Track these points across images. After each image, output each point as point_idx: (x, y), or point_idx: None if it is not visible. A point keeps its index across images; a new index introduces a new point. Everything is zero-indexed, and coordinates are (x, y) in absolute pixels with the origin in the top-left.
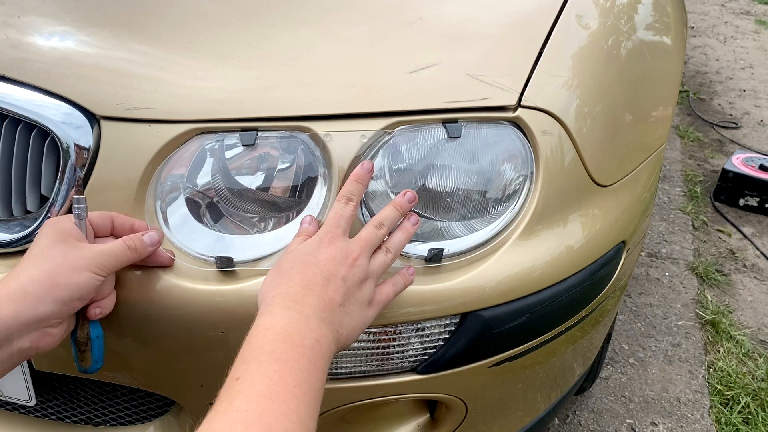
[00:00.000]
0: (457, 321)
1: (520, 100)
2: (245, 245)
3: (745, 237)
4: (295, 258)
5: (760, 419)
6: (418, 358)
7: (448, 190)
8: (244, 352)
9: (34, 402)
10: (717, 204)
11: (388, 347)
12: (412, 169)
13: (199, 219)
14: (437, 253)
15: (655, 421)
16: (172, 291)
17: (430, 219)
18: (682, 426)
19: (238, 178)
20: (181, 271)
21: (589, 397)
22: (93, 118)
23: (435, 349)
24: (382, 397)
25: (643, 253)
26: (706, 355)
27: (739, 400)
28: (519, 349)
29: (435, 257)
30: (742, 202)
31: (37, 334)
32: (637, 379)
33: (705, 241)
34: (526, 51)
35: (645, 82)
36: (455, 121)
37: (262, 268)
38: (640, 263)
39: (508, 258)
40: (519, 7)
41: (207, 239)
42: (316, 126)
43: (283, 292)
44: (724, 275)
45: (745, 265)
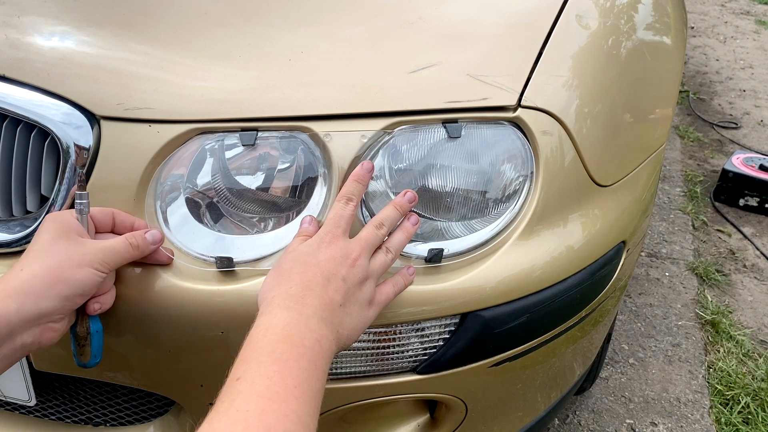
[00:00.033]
0: (457, 321)
1: (520, 100)
2: (245, 245)
3: (745, 237)
4: (295, 258)
5: (760, 419)
6: (418, 358)
7: (448, 190)
8: (245, 353)
9: (34, 402)
10: (717, 204)
11: (388, 347)
12: (412, 169)
13: (199, 219)
14: (437, 253)
15: (655, 421)
16: (172, 291)
17: (430, 219)
18: (682, 426)
19: (238, 178)
20: (181, 271)
21: (589, 397)
22: (93, 118)
23: (435, 349)
24: (382, 397)
25: (643, 253)
26: (706, 355)
27: (739, 400)
28: (519, 349)
29: (435, 257)
30: (742, 202)
31: (39, 330)
32: (637, 379)
33: (705, 241)
34: (526, 51)
35: (645, 82)
36: (455, 121)
37: (262, 268)
38: (640, 263)
39: (508, 258)
40: (519, 7)
41: (207, 239)
42: (316, 126)
43: (284, 292)
44: (724, 275)
45: (745, 265)
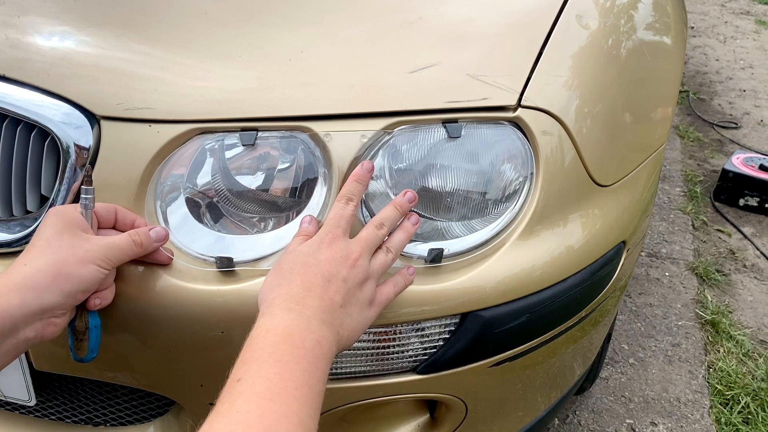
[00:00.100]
0: (457, 321)
1: (520, 100)
2: (245, 245)
3: (745, 237)
4: (296, 259)
5: (760, 419)
6: (418, 358)
7: (448, 190)
8: (245, 353)
9: (34, 402)
10: (717, 204)
11: (388, 347)
12: (412, 169)
13: (199, 219)
14: (437, 253)
15: (655, 421)
16: (173, 291)
17: (431, 219)
18: (682, 426)
19: (238, 178)
20: (181, 271)
21: (589, 397)
22: (93, 118)
23: (435, 349)
24: (382, 397)
25: (643, 253)
26: (706, 355)
27: (739, 400)
28: (519, 349)
29: (435, 257)
30: (742, 202)
31: (41, 324)
32: (637, 379)
33: (705, 241)
34: (526, 51)
35: (645, 82)
36: (455, 121)
37: (262, 269)
38: (640, 263)
39: (508, 258)
40: (519, 7)
41: (207, 239)
42: (316, 126)
43: (284, 293)
44: (724, 275)
45: (745, 265)
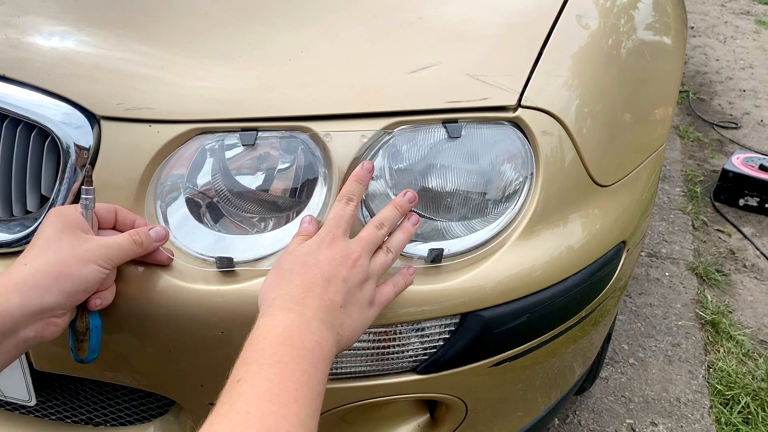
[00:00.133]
0: (457, 321)
1: (520, 100)
2: (245, 245)
3: (745, 237)
4: (296, 259)
5: (760, 419)
6: (418, 358)
7: (448, 190)
8: (245, 354)
9: (34, 402)
10: (717, 204)
11: (388, 347)
12: (412, 169)
13: (199, 219)
14: (437, 253)
15: (655, 421)
16: (173, 291)
17: (431, 219)
18: (682, 426)
19: (238, 178)
20: (181, 272)
21: (589, 397)
22: (93, 118)
23: (435, 349)
24: (382, 397)
25: (643, 253)
26: (706, 355)
27: (739, 400)
28: (519, 349)
29: (435, 257)
30: (742, 202)
31: (41, 324)
32: (637, 379)
33: (705, 241)
34: (526, 51)
35: (645, 82)
36: (455, 121)
37: (262, 269)
38: (640, 263)
39: (508, 258)
40: (519, 7)
41: (207, 239)
42: (316, 126)
43: (284, 293)
44: (724, 275)
45: (745, 265)
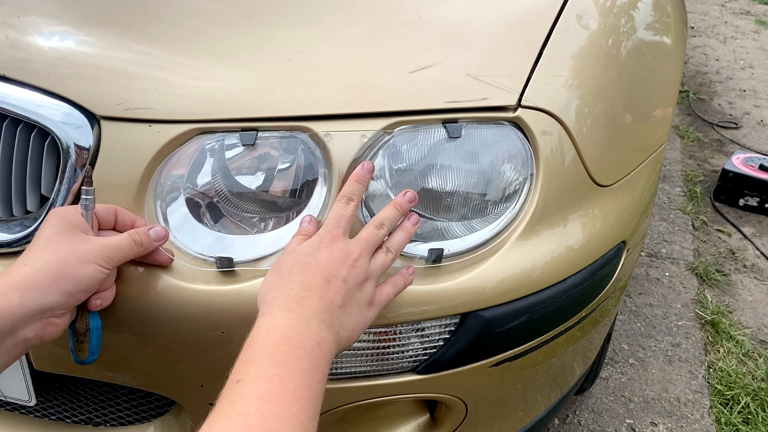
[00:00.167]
0: (457, 321)
1: (520, 100)
2: (245, 245)
3: (745, 237)
4: (295, 259)
5: (760, 419)
6: (418, 358)
7: (448, 191)
8: (245, 354)
9: (34, 402)
10: (717, 204)
11: (388, 347)
12: (412, 169)
13: (199, 219)
14: (438, 253)
15: (655, 421)
16: (173, 291)
17: (431, 219)
18: (682, 426)
19: (238, 178)
20: (181, 272)
21: (589, 397)
22: (93, 118)
23: (435, 349)
24: (382, 397)
25: (643, 253)
26: (706, 355)
27: (739, 400)
28: (519, 349)
29: (435, 257)
30: (742, 202)
31: (41, 324)
32: (637, 379)
33: (705, 241)
34: (526, 51)
35: (645, 82)
36: (455, 121)
37: (262, 269)
38: (640, 263)
39: (508, 258)
40: (519, 7)
41: (207, 239)
42: (316, 126)
43: (284, 293)
44: (724, 275)
45: (745, 265)
